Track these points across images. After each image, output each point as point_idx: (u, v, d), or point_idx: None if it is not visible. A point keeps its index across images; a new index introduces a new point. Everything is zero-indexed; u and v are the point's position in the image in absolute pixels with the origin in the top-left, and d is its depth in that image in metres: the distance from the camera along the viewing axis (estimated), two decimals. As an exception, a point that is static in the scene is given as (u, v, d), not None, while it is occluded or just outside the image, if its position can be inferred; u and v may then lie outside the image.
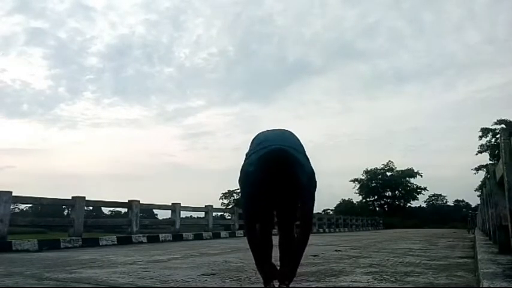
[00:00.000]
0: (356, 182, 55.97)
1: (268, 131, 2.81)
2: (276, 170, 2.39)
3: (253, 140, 2.77)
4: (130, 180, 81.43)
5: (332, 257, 5.58)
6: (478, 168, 39.39)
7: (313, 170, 2.52)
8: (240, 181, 2.56)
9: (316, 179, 2.51)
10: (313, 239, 6.59)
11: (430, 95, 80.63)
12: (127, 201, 10.86)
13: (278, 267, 2.71)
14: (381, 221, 38.03)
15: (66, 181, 72.76)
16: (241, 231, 13.62)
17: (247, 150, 2.76)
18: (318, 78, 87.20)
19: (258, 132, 2.85)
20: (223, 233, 13.84)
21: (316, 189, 2.53)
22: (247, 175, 2.47)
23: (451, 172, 78.55)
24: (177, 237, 11.34)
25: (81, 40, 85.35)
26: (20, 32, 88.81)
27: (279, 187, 2.46)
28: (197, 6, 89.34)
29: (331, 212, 45.23)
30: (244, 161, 2.62)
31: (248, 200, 2.50)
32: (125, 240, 9.73)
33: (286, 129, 2.82)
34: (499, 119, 36.53)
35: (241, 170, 2.55)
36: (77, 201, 9.02)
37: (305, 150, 2.68)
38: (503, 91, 71.84)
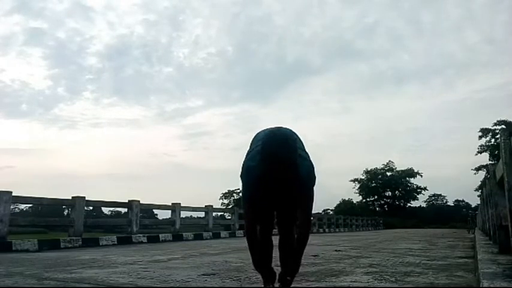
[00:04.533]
0: (356, 182, 56.05)
1: (267, 128, 2.81)
2: (277, 160, 2.34)
3: (253, 138, 2.78)
4: (131, 180, 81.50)
5: (332, 257, 5.58)
6: (478, 168, 39.44)
7: (312, 164, 2.52)
8: (241, 176, 2.56)
9: (316, 175, 2.51)
10: (313, 239, 6.60)
11: (429, 95, 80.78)
12: (127, 201, 10.86)
13: (277, 270, 2.69)
14: (381, 221, 37.98)
15: (66, 181, 72.92)
16: (241, 231, 13.61)
17: (247, 149, 2.76)
18: (317, 78, 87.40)
19: (258, 131, 2.85)
20: (223, 233, 13.84)
21: (315, 185, 2.52)
22: (248, 170, 2.48)
23: (451, 172, 78.75)
24: (177, 237, 11.35)
25: (80, 40, 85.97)
26: (19, 32, 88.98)
27: (280, 180, 2.40)
28: (196, 6, 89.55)
29: (331, 212, 45.15)
30: (246, 157, 2.63)
31: (249, 197, 2.49)
32: (125, 240, 9.73)
33: (286, 127, 2.82)
34: (498, 119, 36.68)
35: (243, 165, 2.56)
36: (77, 201, 9.02)
37: (304, 146, 2.69)
38: (502, 91, 72.02)
